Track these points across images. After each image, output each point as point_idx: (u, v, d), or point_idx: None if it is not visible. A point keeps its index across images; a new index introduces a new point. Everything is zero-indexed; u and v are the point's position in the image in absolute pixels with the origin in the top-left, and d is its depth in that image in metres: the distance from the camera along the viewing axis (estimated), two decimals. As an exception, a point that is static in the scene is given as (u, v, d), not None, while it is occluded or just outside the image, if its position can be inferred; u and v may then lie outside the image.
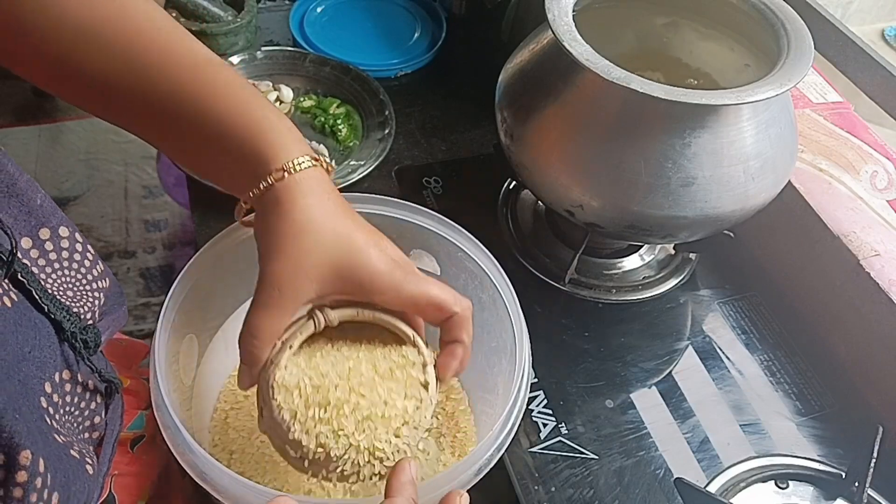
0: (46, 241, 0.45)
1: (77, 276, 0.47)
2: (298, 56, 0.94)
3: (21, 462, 0.36)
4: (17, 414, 0.37)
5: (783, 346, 0.73)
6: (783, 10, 0.62)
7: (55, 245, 0.45)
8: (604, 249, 0.77)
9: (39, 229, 0.44)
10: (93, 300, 0.48)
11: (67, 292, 0.46)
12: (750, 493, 0.61)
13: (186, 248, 1.67)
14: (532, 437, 0.63)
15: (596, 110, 0.61)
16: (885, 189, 0.74)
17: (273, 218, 0.43)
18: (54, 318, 0.43)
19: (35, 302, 0.42)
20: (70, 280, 0.46)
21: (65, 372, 0.43)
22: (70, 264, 0.46)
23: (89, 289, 0.47)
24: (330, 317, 0.46)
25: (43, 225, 0.45)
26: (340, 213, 0.45)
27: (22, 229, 0.43)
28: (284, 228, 0.43)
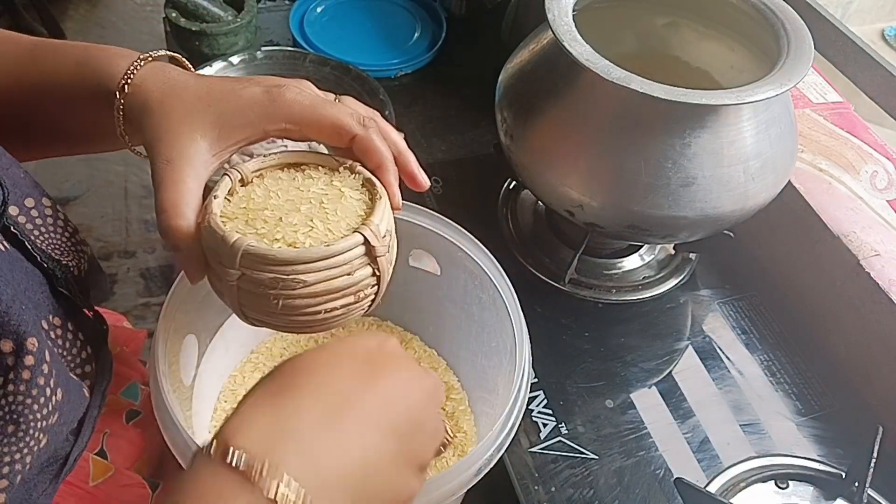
0: (32, 209, 0.46)
1: (62, 239, 0.48)
2: (298, 56, 0.94)
3: (28, 347, 0.38)
4: (23, 306, 0.38)
5: (783, 346, 0.73)
6: (783, 10, 0.62)
7: (40, 212, 0.46)
8: (604, 249, 0.77)
9: (24, 198, 0.45)
10: (78, 258, 0.49)
11: (55, 250, 0.47)
12: (750, 493, 0.61)
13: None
14: (532, 437, 0.63)
15: (596, 110, 0.61)
16: (885, 189, 0.74)
17: (141, 115, 0.43)
18: (47, 267, 0.44)
19: (27, 253, 0.43)
20: (56, 240, 0.47)
21: (55, 318, 0.44)
22: (55, 229, 0.47)
23: (74, 250, 0.48)
24: (244, 169, 0.43)
25: (28, 195, 0.46)
26: (199, 75, 0.45)
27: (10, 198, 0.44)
28: (152, 108, 0.42)
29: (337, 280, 0.39)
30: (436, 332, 0.66)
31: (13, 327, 0.38)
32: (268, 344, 0.66)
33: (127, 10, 2.36)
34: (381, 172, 0.44)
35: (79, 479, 0.47)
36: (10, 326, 0.37)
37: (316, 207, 0.41)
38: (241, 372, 0.63)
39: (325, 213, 0.41)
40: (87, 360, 0.48)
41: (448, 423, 0.60)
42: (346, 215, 0.41)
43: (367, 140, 0.43)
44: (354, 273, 0.40)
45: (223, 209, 0.41)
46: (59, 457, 0.45)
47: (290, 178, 0.43)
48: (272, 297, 0.39)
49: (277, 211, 0.41)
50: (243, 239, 0.38)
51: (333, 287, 0.39)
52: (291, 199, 0.42)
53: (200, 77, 0.45)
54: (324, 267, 0.39)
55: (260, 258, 0.38)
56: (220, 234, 0.39)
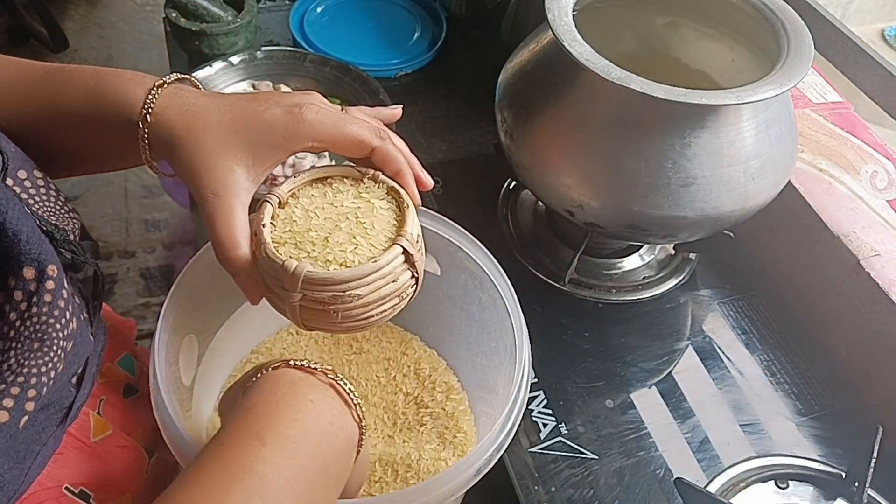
0: (25, 180, 0.47)
1: (56, 206, 0.49)
2: (298, 56, 0.94)
3: (49, 273, 0.41)
4: (41, 238, 0.41)
5: (783, 346, 0.73)
6: (783, 10, 0.62)
7: (33, 183, 0.48)
8: (604, 249, 0.77)
9: (17, 171, 0.47)
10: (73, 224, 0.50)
11: (52, 216, 0.48)
12: (750, 493, 0.61)
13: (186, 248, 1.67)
14: (532, 437, 0.63)
15: (596, 110, 0.61)
16: (885, 189, 0.74)
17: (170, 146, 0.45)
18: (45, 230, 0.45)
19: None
20: (51, 207, 0.49)
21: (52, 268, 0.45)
22: (48, 198, 0.49)
23: (68, 217, 0.50)
24: (280, 192, 0.47)
25: (20, 168, 0.47)
26: (216, 95, 0.47)
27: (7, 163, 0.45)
28: (180, 139, 0.45)
29: (384, 288, 0.44)
30: (436, 332, 0.66)
31: (34, 255, 0.40)
32: (268, 344, 0.66)
33: (127, 10, 2.36)
34: (400, 178, 0.48)
35: (81, 434, 0.49)
36: (32, 254, 0.40)
37: (353, 223, 0.45)
38: (241, 372, 0.63)
39: (364, 228, 0.45)
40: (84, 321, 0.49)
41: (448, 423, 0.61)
42: (382, 226, 0.46)
43: (385, 151, 0.47)
44: (398, 279, 0.45)
45: (272, 235, 0.45)
46: (64, 405, 0.47)
47: (321, 195, 0.47)
48: (332, 311, 0.43)
49: (321, 231, 0.45)
50: (302, 266, 0.42)
51: (382, 294, 0.44)
52: (330, 217, 0.46)
53: (219, 100, 0.46)
54: (373, 279, 0.43)
55: (319, 281, 0.42)
56: (279, 264, 0.43)
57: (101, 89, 0.47)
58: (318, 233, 0.45)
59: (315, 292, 0.43)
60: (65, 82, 0.48)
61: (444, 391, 0.63)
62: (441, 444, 0.59)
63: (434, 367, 0.65)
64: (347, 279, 0.42)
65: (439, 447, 0.59)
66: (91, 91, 0.47)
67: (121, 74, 0.48)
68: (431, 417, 0.61)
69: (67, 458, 0.47)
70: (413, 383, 0.64)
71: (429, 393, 0.63)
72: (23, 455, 0.43)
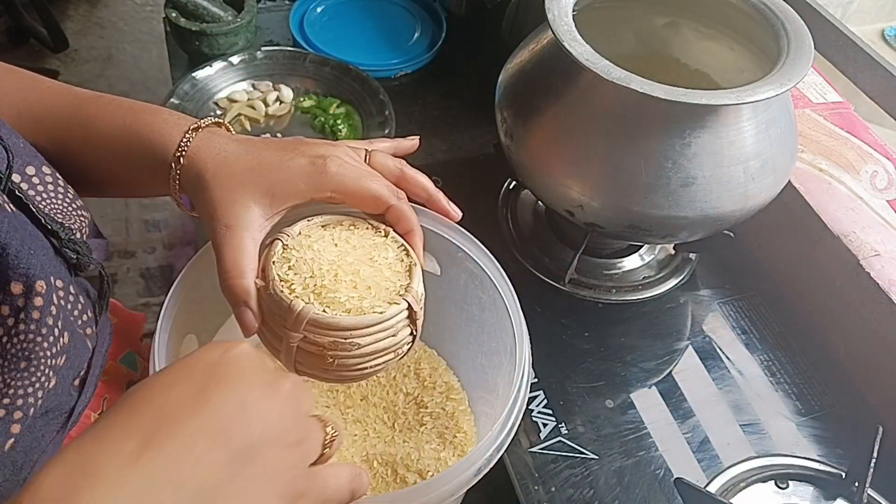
0: (33, 177, 0.47)
1: (64, 203, 0.50)
2: (298, 56, 0.94)
3: (37, 289, 0.40)
4: (31, 251, 0.41)
5: (783, 346, 0.73)
6: (783, 10, 0.62)
7: (41, 180, 0.48)
8: (604, 249, 0.77)
9: (26, 167, 0.47)
10: (80, 222, 0.51)
11: (58, 214, 0.49)
12: (750, 493, 0.61)
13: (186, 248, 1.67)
14: (532, 437, 0.63)
15: (596, 110, 0.61)
16: (885, 189, 0.74)
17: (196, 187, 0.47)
18: (50, 229, 0.45)
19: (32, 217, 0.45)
20: (58, 205, 0.49)
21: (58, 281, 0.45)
22: (56, 195, 0.49)
23: (76, 215, 0.50)
24: (292, 231, 0.47)
25: (28, 163, 0.47)
26: (246, 142, 0.49)
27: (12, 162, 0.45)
28: (207, 181, 0.46)
29: (384, 341, 0.44)
30: (436, 332, 0.66)
31: (23, 270, 0.40)
32: (268, 344, 0.66)
33: (127, 10, 2.36)
34: (410, 237, 0.50)
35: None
36: (20, 269, 0.40)
37: (362, 272, 0.46)
38: (241, 372, 0.63)
39: (372, 279, 0.45)
40: (87, 322, 0.49)
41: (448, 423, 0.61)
42: (389, 280, 0.46)
43: (400, 210, 0.49)
44: (398, 334, 0.45)
45: (280, 273, 0.45)
46: (65, 410, 0.47)
47: (333, 240, 0.48)
48: (328, 357, 0.43)
49: (329, 275, 0.45)
50: (309, 308, 0.43)
51: (381, 347, 0.44)
52: (339, 263, 0.46)
53: (249, 146, 0.48)
54: (376, 331, 0.44)
55: (323, 325, 0.43)
56: (286, 303, 0.43)
57: (138, 128, 0.49)
58: (326, 277, 0.45)
59: (316, 335, 0.43)
60: (101, 115, 0.50)
61: (444, 391, 0.63)
62: (441, 444, 0.59)
63: (434, 367, 0.65)
64: (351, 327, 0.43)
65: (439, 447, 0.59)
66: (127, 127, 0.49)
67: (157, 113, 0.50)
68: (431, 417, 0.61)
69: None
70: (413, 383, 0.64)
71: (429, 393, 0.63)
72: (20, 465, 0.42)
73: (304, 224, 0.48)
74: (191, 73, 0.90)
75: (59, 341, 0.43)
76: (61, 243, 0.46)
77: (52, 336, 0.42)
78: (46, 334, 0.42)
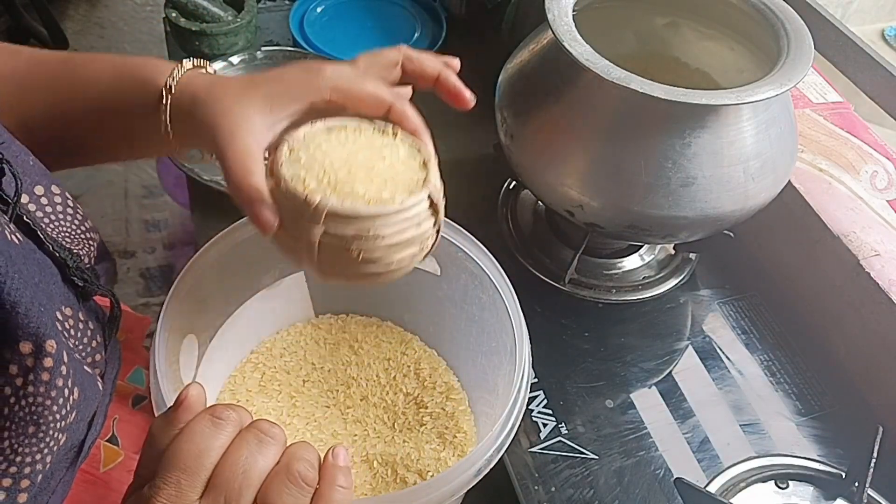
0: (41, 197, 0.47)
1: (72, 226, 0.49)
2: (298, 56, 0.94)
3: (47, 349, 0.39)
4: (42, 308, 0.40)
5: (783, 346, 0.73)
6: (783, 10, 0.62)
7: (49, 200, 0.48)
8: (604, 249, 0.77)
9: (34, 186, 0.47)
10: (88, 247, 0.50)
11: (65, 239, 0.48)
12: (750, 493, 0.61)
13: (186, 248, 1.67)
14: (532, 437, 0.63)
15: (596, 110, 0.61)
16: (885, 189, 0.74)
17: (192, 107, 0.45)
18: (58, 256, 0.45)
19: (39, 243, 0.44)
20: (66, 228, 0.49)
21: (67, 309, 0.45)
22: (64, 217, 0.49)
23: (84, 238, 0.50)
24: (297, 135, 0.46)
25: (37, 183, 0.47)
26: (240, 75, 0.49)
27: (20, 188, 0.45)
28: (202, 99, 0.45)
29: (408, 231, 0.43)
30: (436, 332, 0.66)
31: (32, 329, 0.39)
32: (267, 344, 0.66)
33: (127, 10, 2.36)
34: (418, 136, 0.48)
35: (91, 466, 0.48)
36: (30, 328, 0.39)
37: (376, 165, 0.44)
38: (241, 372, 0.63)
39: (389, 170, 0.44)
40: (96, 348, 0.48)
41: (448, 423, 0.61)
42: (406, 173, 0.45)
43: (402, 111, 0.47)
44: (421, 224, 0.44)
45: (291, 172, 0.43)
46: (74, 445, 0.46)
47: (341, 139, 0.46)
48: (353, 251, 0.42)
49: (342, 169, 0.43)
50: (327, 199, 0.41)
51: (405, 238, 0.43)
52: (352, 158, 0.44)
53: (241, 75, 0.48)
54: (399, 220, 0.42)
55: (344, 214, 0.41)
56: (301, 197, 0.41)
57: (128, 69, 0.48)
58: (340, 172, 0.43)
59: (338, 228, 0.41)
60: (87, 64, 0.49)
61: (444, 391, 0.63)
62: (441, 444, 0.59)
63: (434, 367, 0.65)
64: (374, 215, 0.41)
65: (439, 447, 0.59)
66: (117, 69, 0.49)
67: (146, 58, 0.50)
68: (431, 417, 0.61)
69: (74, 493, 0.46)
70: (413, 383, 0.64)
71: (429, 393, 0.63)
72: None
73: (307, 128, 0.46)
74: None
75: (70, 400, 0.42)
76: (69, 272, 0.46)
77: (62, 397, 0.41)
78: (56, 396, 0.41)
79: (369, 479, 0.56)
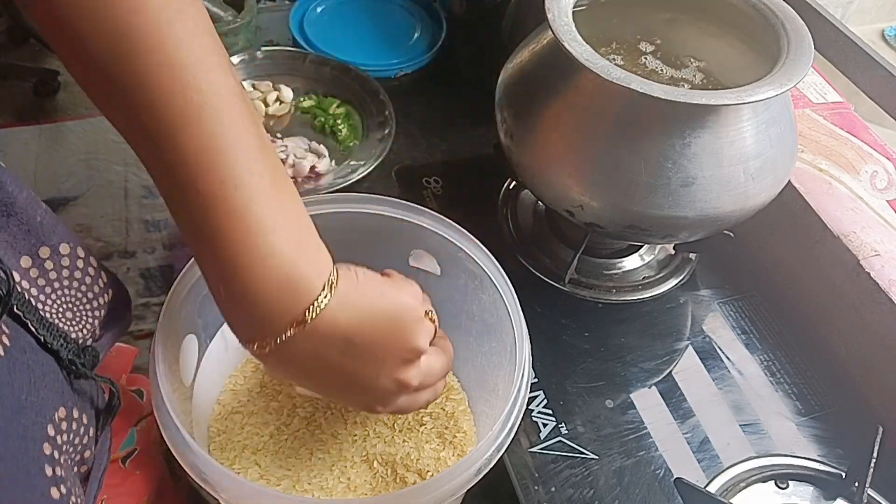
0: (46, 260, 0.43)
1: (77, 296, 0.45)
2: (298, 56, 0.94)
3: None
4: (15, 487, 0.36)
5: (783, 346, 0.73)
6: (783, 10, 0.62)
7: (55, 263, 0.43)
8: (604, 249, 0.77)
9: (39, 248, 0.43)
10: (93, 319, 0.46)
11: (66, 314, 0.44)
12: (750, 493, 0.61)
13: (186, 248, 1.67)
14: (532, 437, 0.63)
15: (596, 110, 0.61)
16: (885, 189, 0.74)
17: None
18: (51, 347, 0.41)
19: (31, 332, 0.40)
20: (70, 299, 0.45)
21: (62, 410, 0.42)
22: (70, 283, 0.44)
23: (89, 307, 0.46)
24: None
25: (43, 243, 0.43)
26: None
27: (21, 248, 0.42)
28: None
29: None
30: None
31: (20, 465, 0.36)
32: (268, 344, 0.66)
33: (127, 10, 2.36)
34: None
35: None
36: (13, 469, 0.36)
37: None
38: (242, 372, 0.63)
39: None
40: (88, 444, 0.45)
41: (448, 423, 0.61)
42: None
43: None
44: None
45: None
46: None
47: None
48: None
49: None
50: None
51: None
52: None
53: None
54: None
55: None
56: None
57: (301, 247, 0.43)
58: None
59: None
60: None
61: (444, 391, 0.63)
62: (441, 444, 0.59)
63: (434, 367, 0.65)
64: None
65: (439, 447, 0.59)
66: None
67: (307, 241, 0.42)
68: (431, 417, 0.61)
69: None
70: (413, 383, 0.64)
71: (429, 393, 0.63)
72: None
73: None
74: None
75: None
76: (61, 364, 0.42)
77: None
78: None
79: (369, 479, 0.56)
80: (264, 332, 0.40)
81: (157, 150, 0.37)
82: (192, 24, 0.37)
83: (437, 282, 0.61)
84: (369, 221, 0.58)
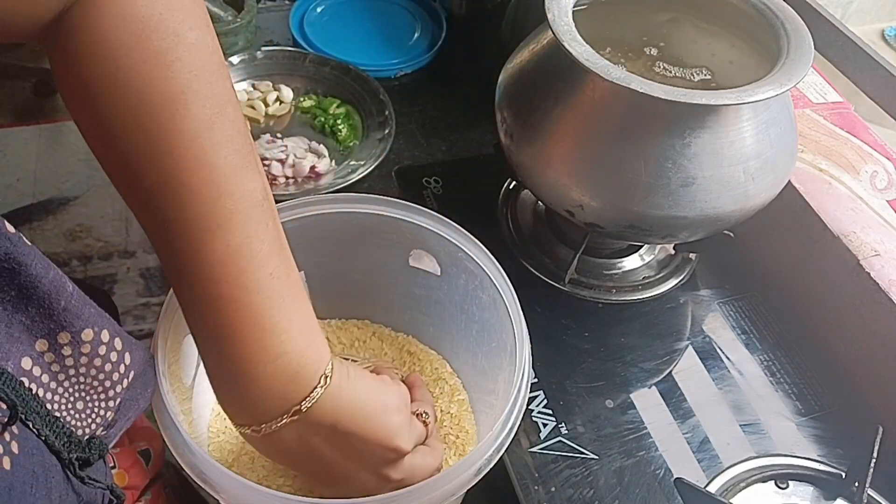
0: (65, 346, 0.40)
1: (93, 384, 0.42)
2: (298, 56, 0.94)
3: None
4: None
5: (783, 346, 0.73)
6: (783, 10, 0.62)
7: (74, 350, 0.40)
8: (604, 249, 0.77)
9: (59, 333, 0.39)
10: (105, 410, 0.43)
11: (77, 404, 0.41)
12: (750, 493, 0.61)
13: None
14: (532, 437, 0.63)
15: (595, 110, 0.61)
16: (885, 189, 0.74)
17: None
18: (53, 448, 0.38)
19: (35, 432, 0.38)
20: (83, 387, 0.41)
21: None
22: (88, 371, 0.41)
23: (104, 396, 0.43)
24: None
25: (63, 329, 0.39)
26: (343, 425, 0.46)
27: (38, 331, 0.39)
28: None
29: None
30: (436, 332, 0.66)
31: None
32: (268, 344, 0.66)
33: (127, 10, 2.36)
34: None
35: None
36: None
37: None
38: (241, 372, 0.63)
39: None
40: None
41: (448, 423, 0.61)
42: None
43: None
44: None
45: None
46: None
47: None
48: None
49: None
50: None
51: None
52: None
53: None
54: None
55: None
56: None
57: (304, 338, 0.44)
58: None
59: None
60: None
61: (445, 391, 0.63)
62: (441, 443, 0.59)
63: (435, 368, 0.65)
64: None
65: (439, 447, 0.59)
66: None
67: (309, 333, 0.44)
68: (432, 417, 0.61)
69: None
70: (413, 383, 0.64)
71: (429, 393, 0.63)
72: None
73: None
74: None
75: None
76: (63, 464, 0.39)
77: None
78: None
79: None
80: (261, 419, 0.42)
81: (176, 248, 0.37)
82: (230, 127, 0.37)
83: (437, 282, 0.61)
84: (369, 221, 0.58)
